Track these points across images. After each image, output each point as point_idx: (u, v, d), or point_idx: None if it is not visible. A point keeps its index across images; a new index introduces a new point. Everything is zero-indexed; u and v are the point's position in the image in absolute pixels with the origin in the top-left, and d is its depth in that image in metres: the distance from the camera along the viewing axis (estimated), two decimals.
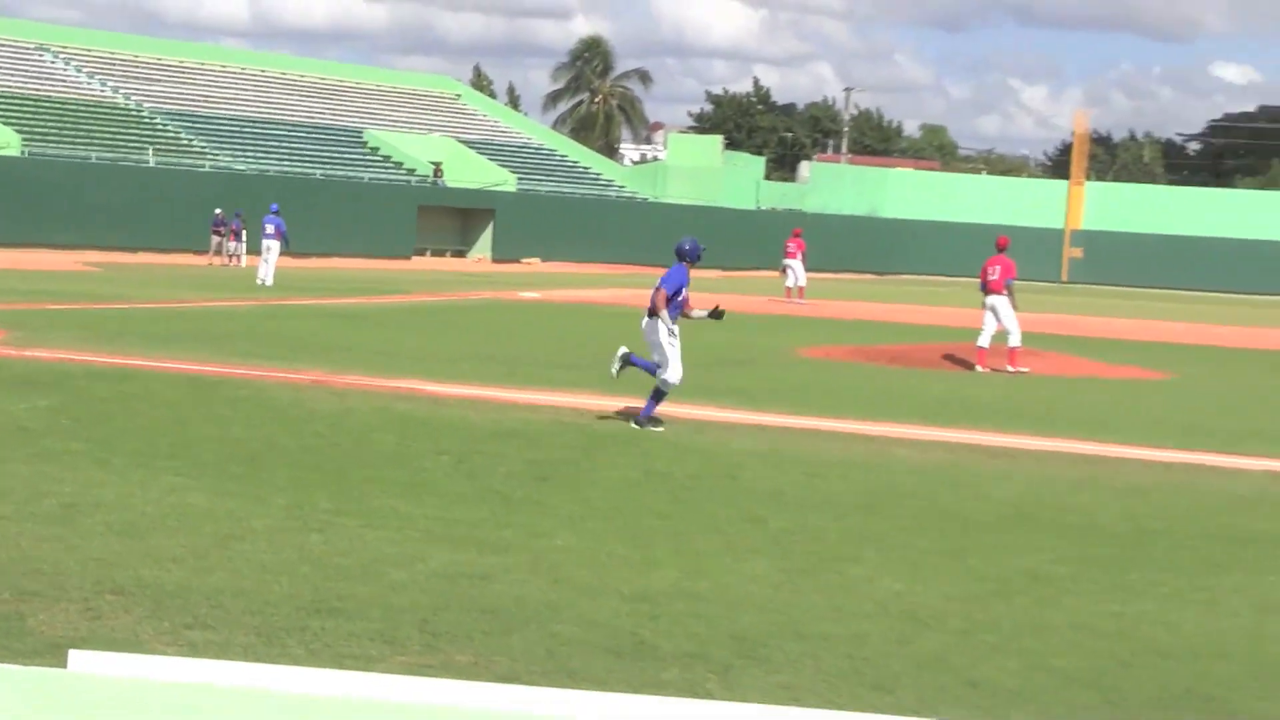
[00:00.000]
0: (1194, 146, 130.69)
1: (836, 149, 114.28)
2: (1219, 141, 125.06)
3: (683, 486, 12.96)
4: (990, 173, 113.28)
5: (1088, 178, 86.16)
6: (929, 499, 12.95)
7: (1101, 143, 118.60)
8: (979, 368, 25.06)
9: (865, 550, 10.63)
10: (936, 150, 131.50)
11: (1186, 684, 7.81)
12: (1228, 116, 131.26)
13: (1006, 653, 8.17)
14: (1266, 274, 76.40)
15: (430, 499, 11.59)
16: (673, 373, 15.93)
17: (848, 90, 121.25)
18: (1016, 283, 25.56)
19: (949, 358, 26.26)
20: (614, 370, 16.52)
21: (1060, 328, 35.23)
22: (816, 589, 9.43)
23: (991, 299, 25.32)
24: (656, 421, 15.94)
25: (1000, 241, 26.40)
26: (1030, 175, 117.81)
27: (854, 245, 75.63)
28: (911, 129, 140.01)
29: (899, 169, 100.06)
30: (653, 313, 16.13)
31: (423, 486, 12.17)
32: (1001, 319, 25.22)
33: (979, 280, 25.99)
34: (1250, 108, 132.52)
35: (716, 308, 16.65)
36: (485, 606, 8.43)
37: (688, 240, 16.76)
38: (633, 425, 15.82)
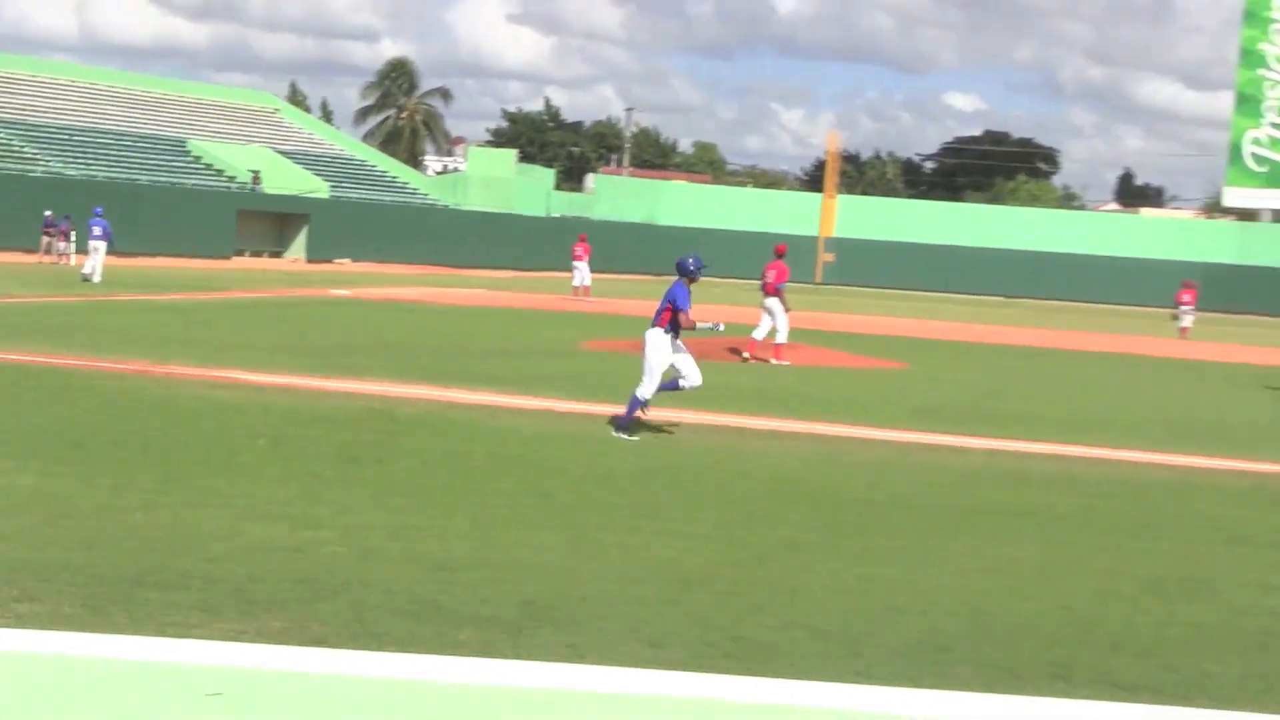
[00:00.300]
0: (930, 165, 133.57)
1: (619, 163, 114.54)
2: (951, 161, 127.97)
3: (478, 466, 12.89)
4: (754, 186, 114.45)
5: (838, 191, 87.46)
6: (699, 475, 13.05)
7: (851, 160, 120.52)
8: (745, 354, 25.35)
9: (642, 521, 10.68)
10: (707, 165, 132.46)
11: (920, 636, 7.98)
12: (958, 139, 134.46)
13: (766, 611, 8.27)
14: (991, 277, 78.33)
15: (247, 479, 11.38)
16: (645, 389, 15.02)
17: (629, 110, 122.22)
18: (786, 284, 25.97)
19: (733, 350, 26.52)
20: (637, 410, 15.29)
21: (815, 324, 35.70)
22: (598, 556, 9.45)
23: (768, 300, 25.68)
24: (633, 431, 14.94)
25: (779, 249, 26.90)
26: (789, 188, 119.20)
27: (634, 249, 75.84)
28: (685, 146, 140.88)
29: (674, 181, 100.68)
30: (675, 328, 15.22)
31: (240, 467, 11.94)
32: (775, 318, 25.58)
33: (760, 281, 26.32)
34: (977, 132, 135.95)
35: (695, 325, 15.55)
36: (298, 576, 8.30)
37: (688, 257, 15.73)
38: (613, 434, 14.89)
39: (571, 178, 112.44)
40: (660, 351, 15.22)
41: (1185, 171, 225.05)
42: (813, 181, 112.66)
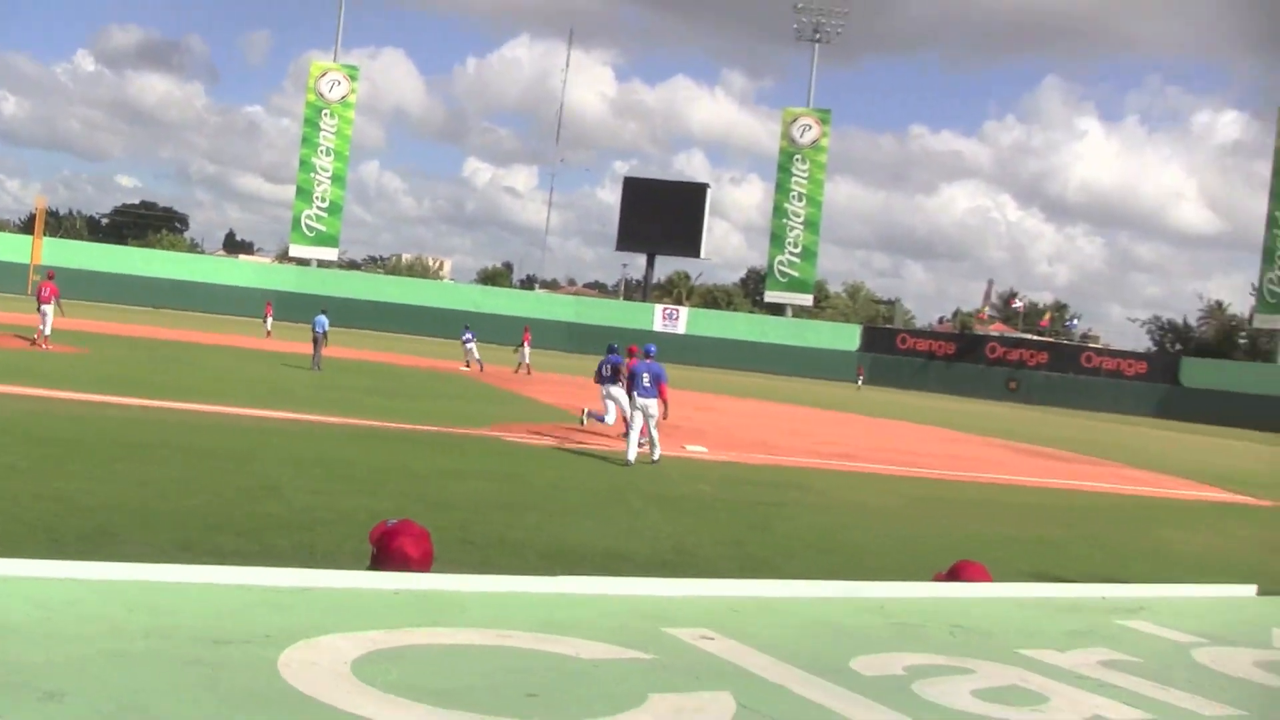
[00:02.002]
0: (106, 221, 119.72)
1: None
2: (120, 219, 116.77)
3: None
4: None
5: (45, 235, 76.26)
6: None
7: (53, 215, 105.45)
8: (38, 348, 22.79)
9: None
10: None
11: (100, 527, 7.58)
12: (125, 205, 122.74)
13: None
14: (147, 295, 71.76)
15: None
16: (611, 416, 15.43)
17: None
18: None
19: (26, 339, 23.93)
20: (583, 420, 15.97)
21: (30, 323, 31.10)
22: None
23: (43, 307, 23.41)
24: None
25: (50, 273, 25.51)
26: (10, 232, 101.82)
27: None
28: None
29: None
30: (616, 383, 15.41)
31: None
32: (48, 316, 23.39)
33: (35, 295, 24.46)
34: (138, 201, 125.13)
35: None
36: None
37: (616, 357, 15.83)
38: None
39: None
40: (621, 398, 15.20)
41: (267, 233, 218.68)
42: (26, 228, 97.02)
